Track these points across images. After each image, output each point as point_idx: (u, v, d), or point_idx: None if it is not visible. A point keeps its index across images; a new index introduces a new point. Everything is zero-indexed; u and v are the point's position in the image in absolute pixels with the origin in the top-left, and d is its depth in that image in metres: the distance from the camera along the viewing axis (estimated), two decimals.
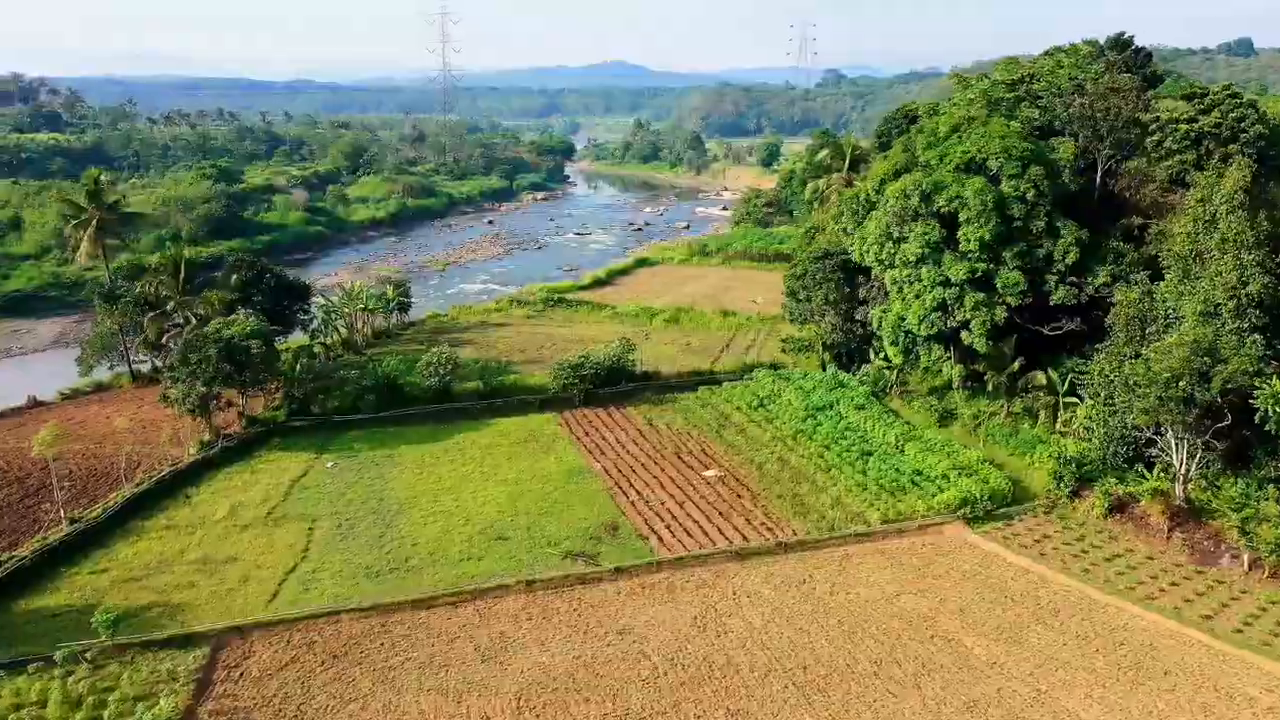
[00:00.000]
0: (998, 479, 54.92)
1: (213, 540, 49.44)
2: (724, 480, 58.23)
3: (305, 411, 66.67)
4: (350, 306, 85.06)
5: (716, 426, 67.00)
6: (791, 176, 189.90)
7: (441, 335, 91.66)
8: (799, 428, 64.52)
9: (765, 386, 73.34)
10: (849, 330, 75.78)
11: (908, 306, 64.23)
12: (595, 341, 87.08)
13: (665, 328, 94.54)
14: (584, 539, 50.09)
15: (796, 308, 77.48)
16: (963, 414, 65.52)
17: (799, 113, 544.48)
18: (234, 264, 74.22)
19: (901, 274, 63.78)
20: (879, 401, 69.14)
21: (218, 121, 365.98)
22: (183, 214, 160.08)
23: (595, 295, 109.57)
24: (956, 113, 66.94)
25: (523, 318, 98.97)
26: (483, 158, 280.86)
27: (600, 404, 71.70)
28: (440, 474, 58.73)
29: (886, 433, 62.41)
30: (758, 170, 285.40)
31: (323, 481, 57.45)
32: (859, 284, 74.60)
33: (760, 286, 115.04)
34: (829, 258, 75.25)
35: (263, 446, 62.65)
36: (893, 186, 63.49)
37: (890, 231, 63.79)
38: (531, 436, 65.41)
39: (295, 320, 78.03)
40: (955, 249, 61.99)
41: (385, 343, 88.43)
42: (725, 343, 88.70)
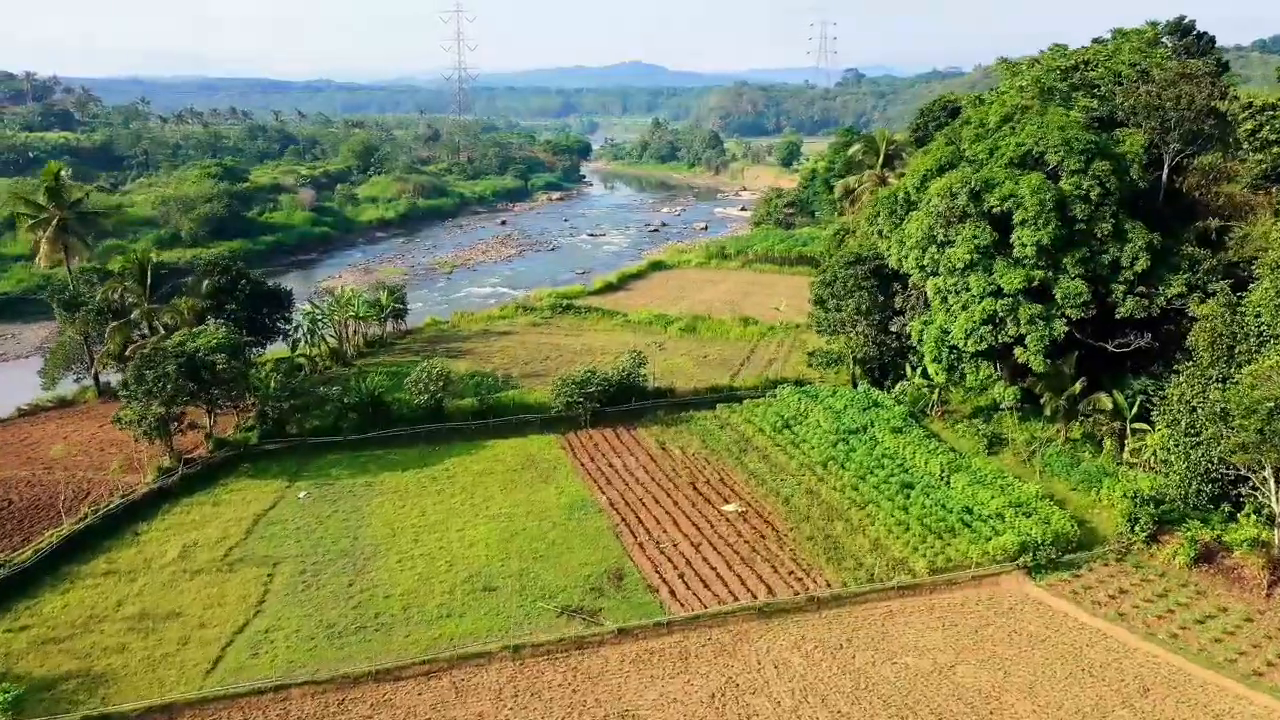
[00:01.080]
0: (1061, 520, 47.65)
1: (156, 590, 42.92)
2: (745, 516, 51.28)
3: (281, 432, 60.24)
4: (339, 314, 78.61)
5: (737, 451, 60.07)
6: (814, 176, 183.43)
7: (439, 345, 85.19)
8: (829, 454, 57.49)
9: (790, 405, 66.33)
10: (883, 343, 68.62)
11: (953, 319, 57.06)
12: (604, 352, 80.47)
13: (681, 337, 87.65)
14: (584, 590, 43.26)
15: (825, 317, 70.39)
16: (1014, 440, 58.28)
17: (818, 112, 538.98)
18: (206, 269, 67.78)
19: (946, 282, 56.62)
20: (918, 424, 61.96)
21: (231, 120, 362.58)
22: (182, 214, 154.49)
23: (606, 301, 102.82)
24: (1008, 101, 59.64)
25: (528, 325, 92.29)
26: (497, 157, 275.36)
27: (608, 423, 64.94)
28: (425, 506, 52.08)
29: (929, 461, 55.26)
30: (777, 170, 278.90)
31: (292, 516, 50.90)
32: (894, 292, 67.47)
33: (782, 292, 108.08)
34: (861, 263, 68.15)
35: (230, 473, 56.20)
36: (937, 184, 56.35)
37: (934, 234, 56.64)
38: (530, 462, 58.70)
39: (276, 330, 71.63)
40: (1008, 254, 54.80)
41: (378, 353, 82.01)
42: (746, 354, 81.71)
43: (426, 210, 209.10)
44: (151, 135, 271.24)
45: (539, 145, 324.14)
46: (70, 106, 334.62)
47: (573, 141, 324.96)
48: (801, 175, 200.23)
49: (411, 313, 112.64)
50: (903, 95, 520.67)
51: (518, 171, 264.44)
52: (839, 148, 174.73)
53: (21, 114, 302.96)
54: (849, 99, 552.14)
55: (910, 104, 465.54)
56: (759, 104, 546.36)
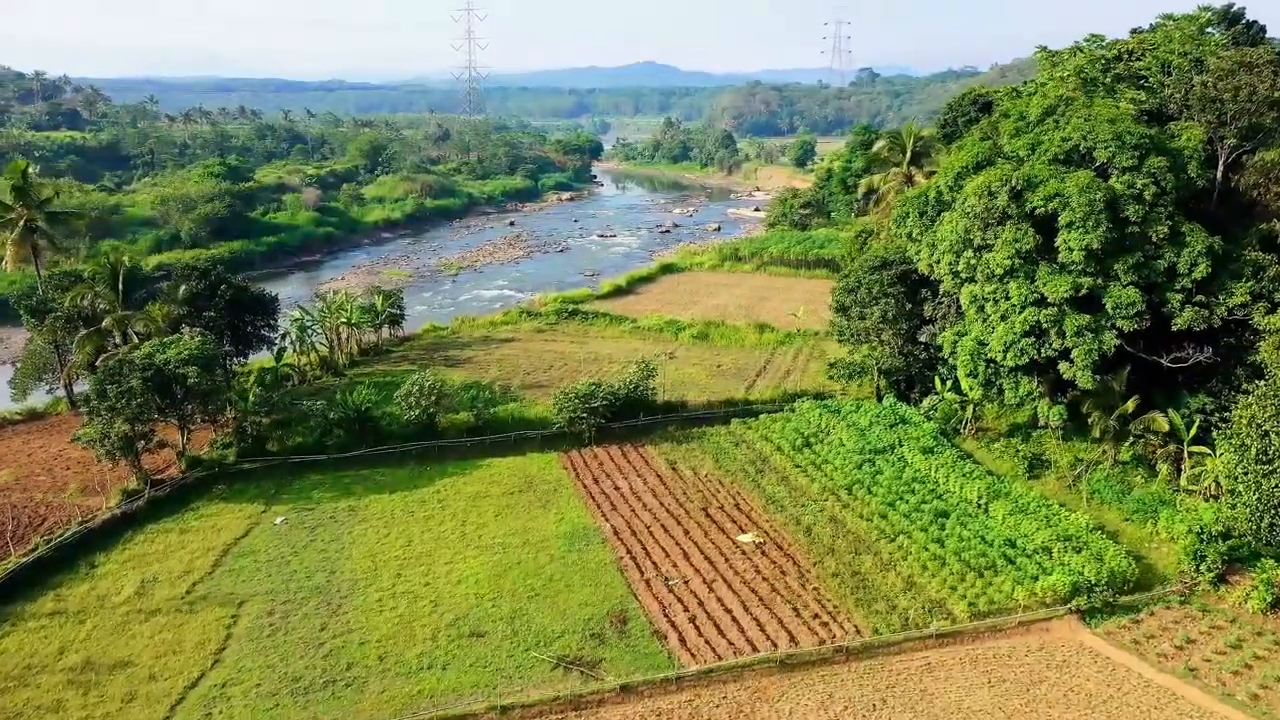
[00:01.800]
0: (1116, 556, 42.69)
1: (105, 634, 38.50)
2: (763, 548, 46.51)
3: (260, 450, 55.86)
4: (330, 320, 74.18)
5: (753, 472, 55.30)
6: (829, 175, 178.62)
7: (438, 352, 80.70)
8: (854, 476, 52.67)
9: (811, 421, 61.53)
10: (910, 354, 63.79)
11: (990, 330, 52.16)
12: (611, 361, 75.88)
13: (692, 345, 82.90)
14: (583, 636, 38.59)
15: (847, 326, 65.55)
16: (1057, 462, 53.32)
17: (833, 112, 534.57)
18: (182, 273, 63.39)
19: (984, 289, 51.70)
20: (950, 443, 57.07)
21: (240, 120, 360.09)
22: (182, 214, 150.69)
23: (614, 306, 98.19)
24: (1052, 92, 54.64)
25: (532, 332, 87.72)
26: (507, 157, 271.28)
27: (614, 440, 60.30)
28: (411, 535, 47.53)
29: (965, 486, 50.35)
30: (791, 170, 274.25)
31: (265, 545, 46.42)
32: (923, 299, 62.63)
33: (799, 296, 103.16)
34: (887, 268, 63.26)
35: (202, 495, 51.77)
36: (973, 182, 51.43)
37: (970, 237, 51.72)
38: (528, 484, 54.08)
39: (261, 338, 67.22)
40: (1053, 260, 49.86)
41: (373, 361, 77.57)
42: (761, 364, 76.89)
43: (433, 211, 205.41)
44: (158, 134, 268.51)
45: (550, 145, 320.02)
46: (78, 106, 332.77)
47: (584, 141, 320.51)
48: (817, 175, 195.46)
49: (413, 316, 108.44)
50: (918, 95, 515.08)
51: (527, 171, 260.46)
52: (856, 146, 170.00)
53: (29, 113, 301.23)
54: (863, 99, 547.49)
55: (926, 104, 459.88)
56: (772, 104, 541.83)
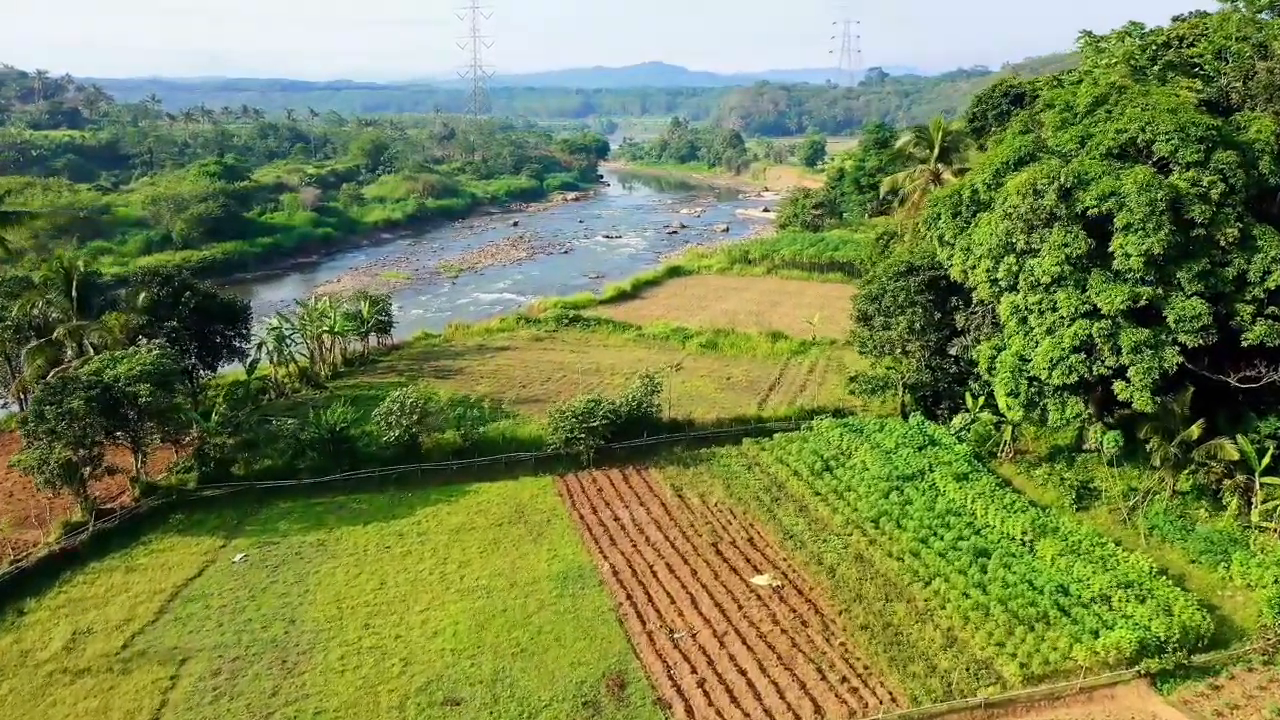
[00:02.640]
0: (1186, 608, 37.19)
1: (22, 700, 33.27)
2: (781, 593, 41.14)
3: (225, 474, 50.71)
4: (311, 328, 68.99)
5: (768, 501, 49.91)
6: (841, 175, 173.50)
7: (428, 362, 75.52)
8: (881, 507, 47.26)
9: (831, 442, 56.16)
10: (939, 368, 58.40)
11: (1033, 344, 46.69)
12: (614, 372, 70.63)
13: (700, 355, 77.52)
14: (574, 704, 33.26)
15: (870, 337, 60.19)
16: (1108, 492, 47.83)
17: (841, 112, 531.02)
18: (142, 279, 58.15)
19: (1027, 299, 46.22)
20: (986, 468, 51.62)
21: (243, 119, 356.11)
22: (174, 214, 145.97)
23: (618, 311, 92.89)
24: (1102, 80, 49.12)
25: (529, 340, 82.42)
26: (512, 156, 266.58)
27: (615, 463, 55.01)
28: (385, 575, 42.28)
29: (1007, 520, 44.90)
30: (801, 169, 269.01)
31: (220, 587, 41.24)
32: (953, 308, 57.27)
33: (813, 301, 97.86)
34: (914, 273, 57.90)
35: (156, 526, 46.58)
36: (1016, 179, 45.94)
37: (1012, 241, 46.26)
38: (519, 513, 48.79)
39: (232, 349, 62.05)
40: (1106, 266, 44.39)
41: (357, 372, 72.35)
42: (775, 376, 71.49)
43: (435, 211, 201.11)
44: (157, 133, 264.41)
45: (555, 144, 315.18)
46: (79, 104, 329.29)
47: (590, 140, 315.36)
48: (828, 175, 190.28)
49: (408, 321, 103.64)
50: (928, 95, 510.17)
51: (532, 171, 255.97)
52: (870, 145, 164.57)
53: (29, 112, 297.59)
54: (872, 98, 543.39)
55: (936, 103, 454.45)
56: (780, 103, 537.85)
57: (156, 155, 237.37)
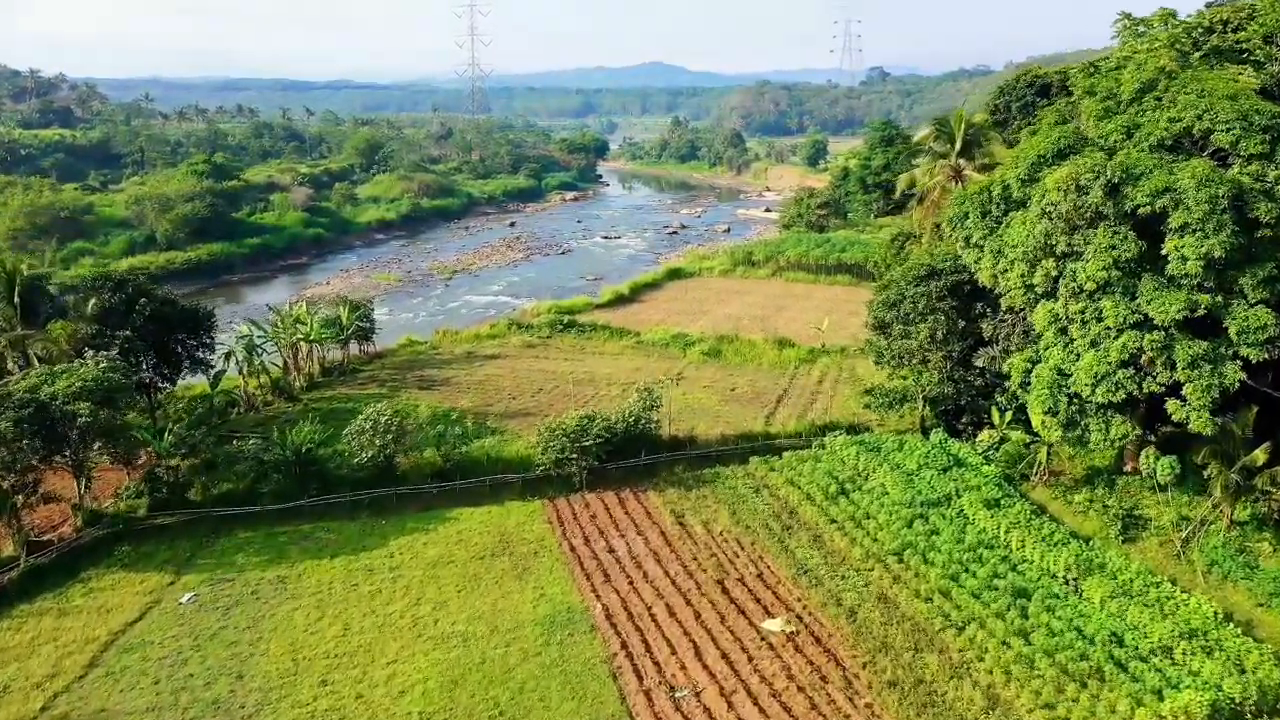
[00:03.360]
0: (1263, 662, 32.53)
1: None
2: (796, 640, 36.44)
3: (180, 500, 46.00)
4: (285, 336, 64.24)
5: (778, 529, 45.19)
6: (846, 174, 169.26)
7: (412, 372, 70.78)
8: (905, 538, 42.57)
9: (846, 461, 51.48)
10: (962, 380, 53.69)
11: (1073, 356, 42.02)
12: (610, 382, 65.98)
13: (702, 363, 72.77)
14: None
15: (887, 347, 55.51)
16: (1157, 521, 43.08)
17: (843, 112, 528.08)
18: (92, 284, 53.38)
19: (1069, 307, 41.53)
20: (1018, 493, 46.92)
21: (239, 118, 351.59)
22: (159, 214, 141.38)
23: (615, 316, 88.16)
24: (1150, 64, 44.38)
25: (521, 347, 77.67)
26: (510, 155, 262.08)
27: (610, 484, 50.34)
28: (350, 619, 37.59)
29: (1047, 555, 40.19)
30: (802, 169, 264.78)
31: (163, 633, 36.55)
32: (977, 315, 52.63)
33: (819, 305, 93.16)
34: (935, 278, 53.22)
35: (100, 560, 41.88)
36: (1055, 174, 41.24)
37: (1050, 243, 41.57)
38: (503, 544, 44.08)
39: (196, 360, 57.28)
40: (1159, 271, 39.73)
41: (335, 383, 67.56)
42: (783, 387, 66.75)
43: (430, 211, 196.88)
44: (149, 132, 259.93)
45: (554, 143, 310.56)
46: (71, 103, 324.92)
47: (589, 139, 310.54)
48: (832, 174, 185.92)
49: (398, 325, 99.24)
50: (929, 94, 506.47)
51: (531, 171, 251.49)
52: (877, 143, 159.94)
53: (20, 111, 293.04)
54: (874, 98, 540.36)
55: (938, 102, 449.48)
56: (781, 103, 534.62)
57: (148, 155, 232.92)
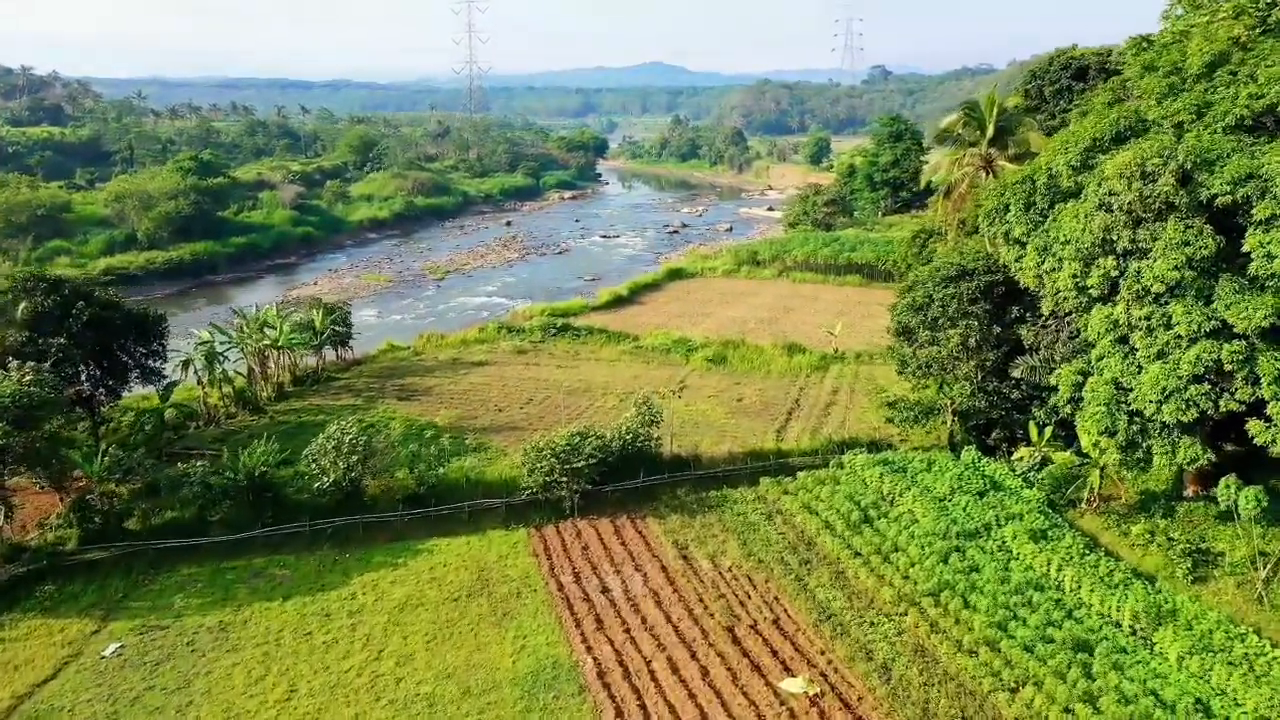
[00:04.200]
0: None
1: None
2: (821, 704, 31.01)
3: (117, 530, 40.59)
4: (251, 342, 58.82)
5: (795, 564, 39.77)
6: (852, 171, 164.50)
7: (392, 380, 65.34)
8: (941, 575, 37.14)
9: (868, 484, 46.07)
10: (997, 391, 48.25)
11: (1134, 368, 36.63)
12: (606, 392, 60.63)
13: (706, 371, 67.34)
14: None
15: (912, 355, 50.11)
16: (1232, 558, 37.63)
17: (844, 110, 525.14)
18: (24, 286, 47.59)
19: (1131, 312, 36.11)
20: (1066, 522, 41.48)
21: (234, 117, 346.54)
22: (140, 212, 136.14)
23: (613, 319, 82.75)
24: (1221, 34, 38.95)
25: (511, 353, 72.20)
26: (507, 154, 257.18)
27: (605, 509, 44.94)
28: (298, 677, 32.16)
29: (1107, 599, 34.75)
30: (805, 167, 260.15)
31: (76, 696, 31.13)
32: (1013, 320, 47.29)
33: (829, 307, 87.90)
34: (967, 278, 47.81)
35: (15, 604, 36.31)
36: (1116, 160, 35.85)
37: (1110, 238, 36.17)
38: (482, 582, 38.66)
39: (146, 370, 51.83)
40: (1238, 271, 34.35)
41: (308, 392, 62.09)
42: (794, 397, 61.33)
43: (425, 209, 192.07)
44: (139, 130, 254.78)
45: (552, 141, 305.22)
46: (62, 101, 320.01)
47: (588, 138, 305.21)
48: (837, 171, 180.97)
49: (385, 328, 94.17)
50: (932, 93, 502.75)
51: (529, 169, 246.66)
52: (884, 138, 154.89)
53: (11, 108, 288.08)
54: (875, 97, 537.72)
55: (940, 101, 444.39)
56: (782, 102, 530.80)
57: (137, 153, 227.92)
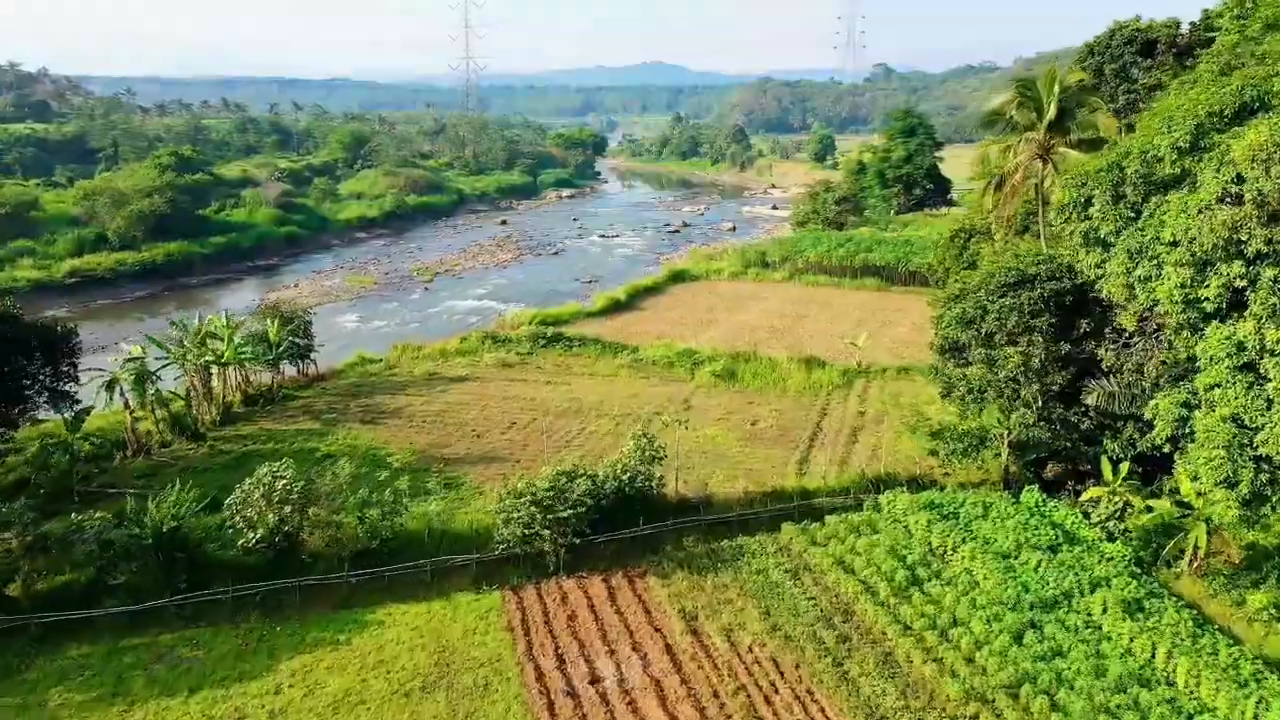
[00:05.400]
0: None
1: None
2: None
3: None
4: (192, 359, 51.04)
5: (832, 642, 31.99)
6: (861, 168, 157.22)
7: (359, 399, 57.57)
8: (1017, 662, 29.43)
9: (913, 533, 38.37)
10: (1063, 420, 40.55)
11: (1261, 403, 28.96)
12: (601, 414, 53.06)
13: (714, 388, 59.58)
14: None
15: (962, 376, 42.38)
16: None
17: (846, 109, 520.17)
18: None
19: (1266, 333, 28.43)
20: (1165, 589, 33.75)
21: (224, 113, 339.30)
22: (112, 210, 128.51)
23: (609, 327, 74.97)
24: None
25: (495, 366, 64.41)
26: (504, 151, 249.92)
27: (597, 563, 37.21)
28: None
29: (1240, 702, 26.99)
30: (809, 165, 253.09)
31: None
32: (1080, 335, 39.67)
33: (846, 313, 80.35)
34: (1027, 286, 40.11)
35: None
36: (1245, 139, 28.21)
37: (1238, 239, 28.53)
38: (440, 669, 30.90)
39: (55, 394, 44.09)
40: None
41: (260, 414, 54.24)
42: (815, 420, 53.52)
43: (417, 208, 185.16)
44: (125, 126, 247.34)
45: (551, 139, 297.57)
46: (49, 97, 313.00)
47: (587, 135, 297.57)
48: (846, 168, 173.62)
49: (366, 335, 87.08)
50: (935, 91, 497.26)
51: (526, 167, 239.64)
52: (897, 133, 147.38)
53: None
54: (878, 95, 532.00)
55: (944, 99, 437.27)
56: (784, 100, 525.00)
57: (122, 150, 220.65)
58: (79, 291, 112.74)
